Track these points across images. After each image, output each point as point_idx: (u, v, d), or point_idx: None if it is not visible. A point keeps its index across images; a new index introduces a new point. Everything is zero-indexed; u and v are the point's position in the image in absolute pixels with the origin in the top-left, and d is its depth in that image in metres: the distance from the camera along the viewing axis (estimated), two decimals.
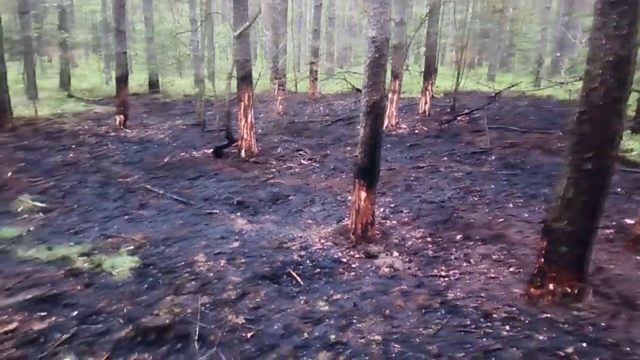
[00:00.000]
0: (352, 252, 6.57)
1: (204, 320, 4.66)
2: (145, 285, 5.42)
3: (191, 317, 4.71)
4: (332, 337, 4.41)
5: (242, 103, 11.92)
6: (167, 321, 4.56)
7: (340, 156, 12.31)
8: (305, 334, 4.49)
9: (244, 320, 4.69)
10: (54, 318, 4.63)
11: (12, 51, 17.46)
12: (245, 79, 11.78)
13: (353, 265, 6.17)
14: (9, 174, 9.51)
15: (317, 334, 4.48)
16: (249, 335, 4.45)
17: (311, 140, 14.10)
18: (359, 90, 18.43)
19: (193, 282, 5.45)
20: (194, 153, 12.51)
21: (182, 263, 5.96)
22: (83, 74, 28.48)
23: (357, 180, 6.92)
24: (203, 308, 4.90)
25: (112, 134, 14.42)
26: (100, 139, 13.70)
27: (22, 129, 13.76)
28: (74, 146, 12.63)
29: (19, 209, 7.80)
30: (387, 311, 4.91)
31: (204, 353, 4.16)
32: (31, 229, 7.06)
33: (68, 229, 7.26)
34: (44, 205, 8.14)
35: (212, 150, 12.35)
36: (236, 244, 6.66)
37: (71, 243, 6.58)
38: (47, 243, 6.55)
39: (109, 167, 10.96)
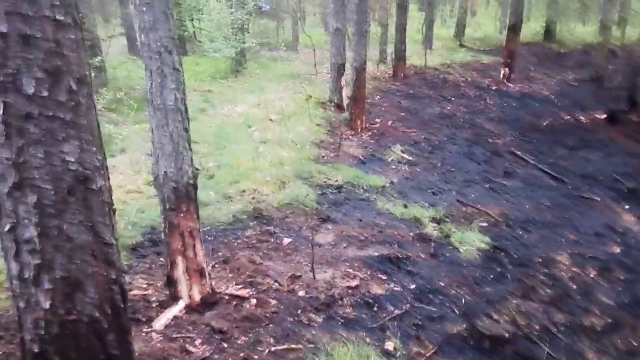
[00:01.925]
0: None
1: (554, 348, 3.66)
2: (492, 275, 4.73)
3: (537, 337, 3.79)
4: None
5: None
6: (507, 334, 3.79)
7: None
8: None
9: None
10: (392, 285, 4.54)
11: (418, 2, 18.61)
12: None
13: None
14: (390, 122, 10.23)
15: None
16: None
17: None
18: None
19: (548, 290, 4.43)
20: (581, 116, 10.60)
21: (539, 259, 4.96)
22: (479, 23, 28.53)
23: None
24: (555, 330, 3.88)
25: (494, 87, 13.77)
26: (480, 92, 13.29)
27: (412, 79, 14.71)
28: (453, 99, 12.66)
29: (390, 159, 8.24)
30: None
31: None
32: (395, 181, 7.31)
33: (428, 187, 7.20)
34: (411, 158, 8.36)
35: (605, 114, 10.17)
36: (616, 249, 5.13)
37: (426, 205, 6.46)
38: (405, 199, 6.63)
39: (482, 125, 10.45)
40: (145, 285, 4.17)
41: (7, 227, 1.64)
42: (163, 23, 3.77)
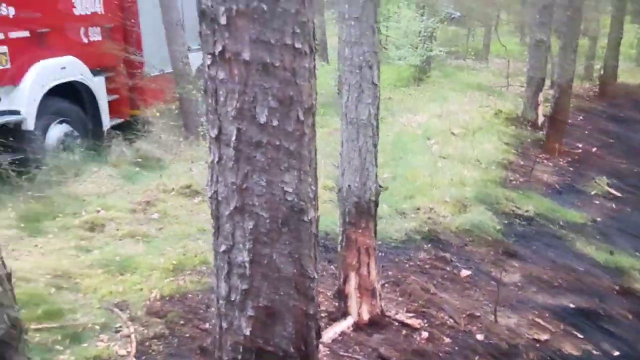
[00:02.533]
0: None
1: None
2: None
3: None
4: None
5: None
6: None
7: None
8: None
9: None
10: (588, 347, 3.88)
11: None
12: None
13: None
14: (593, 148, 8.98)
15: None
16: None
17: None
18: None
19: None
20: None
21: None
22: None
23: None
24: None
25: None
26: None
27: (622, 100, 12.78)
28: None
29: (592, 192, 7.20)
30: None
31: None
32: (597, 219, 6.34)
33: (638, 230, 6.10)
34: (618, 194, 7.19)
35: None
36: None
37: (637, 253, 5.46)
38: (609, 242, 5.70)
39: None
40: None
41: (223, 248, 1.65)
42: (368, 37, 3.72)
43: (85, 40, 6.67)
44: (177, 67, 7.67)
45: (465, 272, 4.73)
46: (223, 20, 1.43)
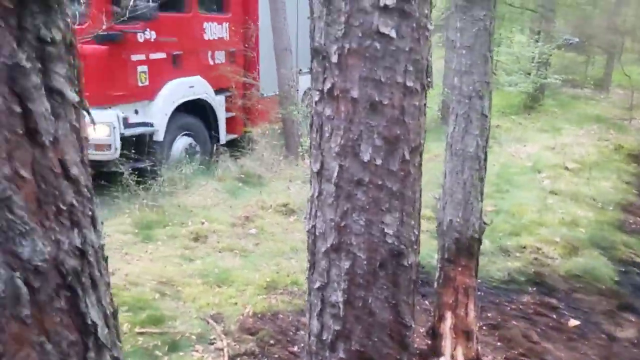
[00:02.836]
0: None
1: None
2: None
3: None
4: None
5: None
6: None
7: None
8: None
9: None
10: None
11: None
12: None
13: None
14: None
15: None
16: None
17: None
18: None
19: None
20: None
21: None
22: None
23: None
24: None
25: None
26: None
27: None
28: None
29: None
30: None
31: None
32: None
33: None
34: None
35: None
36: None
37: None
38: None
39: None
40: None
41: (317, 285, 1.63)
42: (480, 66, 3.58)
43: (211, 62, 7.36)
44: (282, 89, 7.98)
45: (573, 322, 4.30)
46: (334, 59, 1.43)
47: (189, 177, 6.69)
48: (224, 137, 7.70)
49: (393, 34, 1.37)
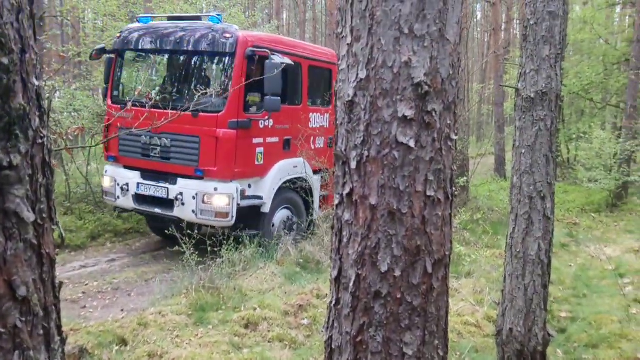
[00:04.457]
0: None
1: None
2: None
3: None
4: None
5: None
6: None
7: None
8: None
9: None
10: None
11: None
12: None
13: None
14: None
15: None
16: None
17: None
18: None
19: None
20: None
21: None
22: None
23: None
24: None
25: None
26: None
27: None
28: None
29: None
30: None
31: None
32: None
33: None
34: None
35: None
36: None
37: None
38: None
39: None
40: None
41: None
42: (542, 166, 3.42)
43: (313, 147, 8.37)
44: None
45: None
46: (353, 165, 1.41)
47: (248, 258, 6.74)
48: (317, 212, 8.43)
49: (412, 143, 1.34)
